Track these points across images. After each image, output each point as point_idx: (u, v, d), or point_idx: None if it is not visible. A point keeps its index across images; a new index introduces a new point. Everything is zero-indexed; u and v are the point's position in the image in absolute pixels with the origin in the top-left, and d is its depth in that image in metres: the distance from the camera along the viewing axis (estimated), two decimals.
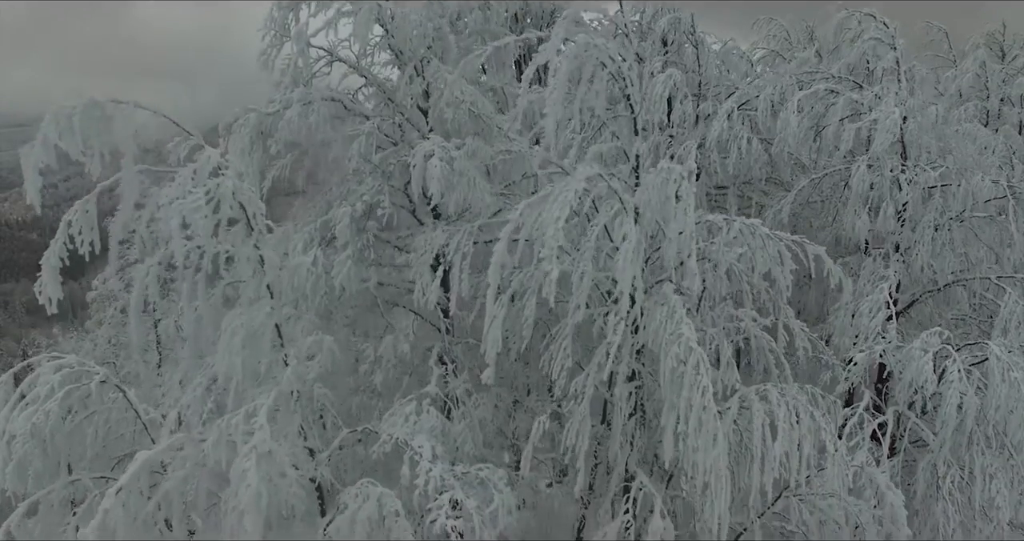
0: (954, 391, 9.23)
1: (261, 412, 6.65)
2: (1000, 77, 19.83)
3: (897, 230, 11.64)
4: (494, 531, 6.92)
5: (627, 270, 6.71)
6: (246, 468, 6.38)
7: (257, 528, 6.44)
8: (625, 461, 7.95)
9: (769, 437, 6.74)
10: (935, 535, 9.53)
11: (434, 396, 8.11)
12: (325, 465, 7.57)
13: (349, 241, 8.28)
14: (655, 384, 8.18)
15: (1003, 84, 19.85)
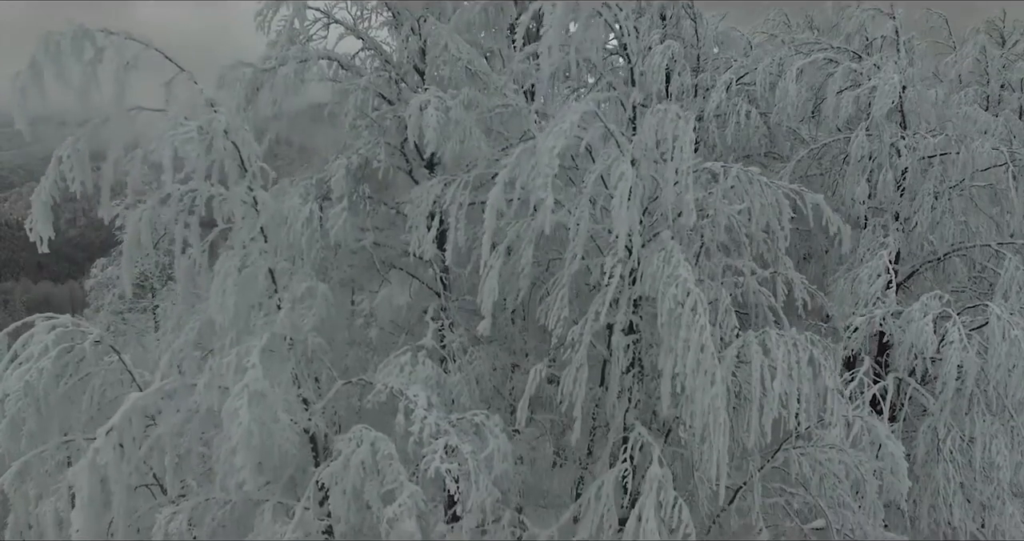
0: (955, 352, 9.17)
1: (254, 353, 6.58)
2: (1000, 63, 19.78)
3: (896, 200, 11.60)
4: (489, 476, 6.84)
5: (623, 209, 6.65)
6: (237, 406, 6.31)
7: (249, 466, 6.36)
8: (623, 415, 7.86)
9: (768, 378, 6.66)
10: (935, 499, 9.44)
11: (430, 349, 8.03)
12: (319, 416, 7.50)
13: (345, 194, 8.21)
14: (653, 338, 8.13)
15: (1003, 69, 19.79)
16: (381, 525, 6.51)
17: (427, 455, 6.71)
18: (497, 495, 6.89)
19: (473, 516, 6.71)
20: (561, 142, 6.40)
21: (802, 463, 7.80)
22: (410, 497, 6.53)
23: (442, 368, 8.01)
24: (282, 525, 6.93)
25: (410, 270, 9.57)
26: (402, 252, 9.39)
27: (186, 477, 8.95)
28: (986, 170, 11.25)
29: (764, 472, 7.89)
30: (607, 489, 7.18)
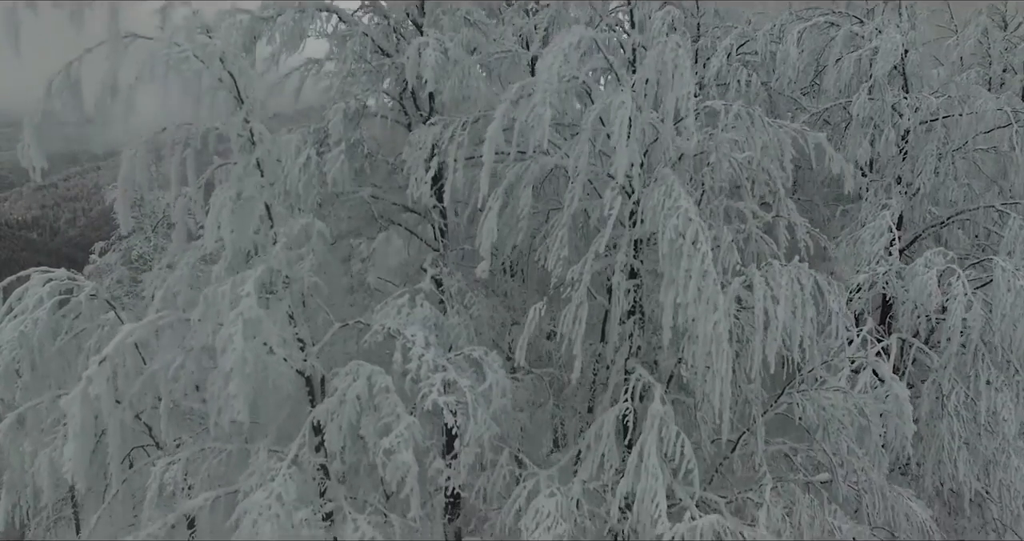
0: (959, 306, 9.05)
1: (248, 282, 6.48)
2: (1002, 45, 19.72)
3: (898, 164, 11.51)
4: (487, 410, 6.73)
5: (622, 138, 6.56)
6: (231, 333, 6.21)
7: (242, 395, 6.25)
8: (624, 361, 7.76)
9: (772, 307, 6.54)
10: (939, 456, 9.31)
11: (428, 293, 7.93)
12: (315, 357, 7.39)
13: (342, 138, 8.13)
14: (654, 284, 8.04)
15: (1005, 52, 19.73)
16: (377, 457, 6.39)
17: (424, 389, 6.61)
18: (496, 430, 6.78)
19: (471, 450, 6.60)
20: (560, 58, 6.31)
21: (806, 407, 7.68)
22: (407, 429, 6.42)
23: (440, 311, 7.89)
24: (276, 461, 6.81)
25: (409, 227, 9.51)
26: (401, 208, 9.33)
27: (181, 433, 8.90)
28: (989, 132, 11.16)
29: (767, 418, 7.77)
30: (608, 428, 7.06)
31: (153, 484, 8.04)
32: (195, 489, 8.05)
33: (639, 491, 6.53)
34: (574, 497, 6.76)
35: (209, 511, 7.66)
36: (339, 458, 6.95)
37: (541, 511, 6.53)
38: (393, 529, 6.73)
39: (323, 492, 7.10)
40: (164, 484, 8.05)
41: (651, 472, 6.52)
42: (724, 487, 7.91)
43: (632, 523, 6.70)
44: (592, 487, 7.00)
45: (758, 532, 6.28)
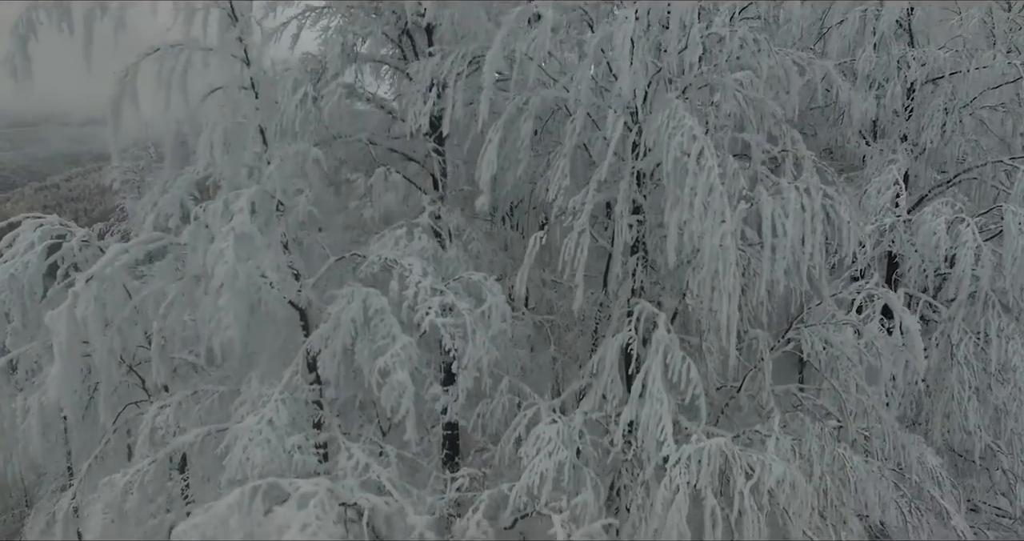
0: (968, 251, 8.86)
1: (242, 198, 6.29)
2: (1007, 26, 19.59)
3: (903, 122, 11.35)
4: (486, 333, 6.53)
5: (625, 50, 6.37)
6: (223, 247, 6.01)
7: (232, 310, 6.05)
8: (627, 297, 7.56)
9: (780, 225, 6.34)
10: (948, 408, 9.10)
11: (426, 227, 7.75)
12: (310, 289, 7.20)
13: (339, 71, 7.96)
14: (656, 220, 7.86)
15: (1009, 32, 19.60)
16: (372, 373, 6.19)
17: (421, 311, 6.42)
18: (495, 355, 6.58)
19: (469, 374, 6.40)
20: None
21: (814, 344, 7.48)
22: (403, 349, 6.23)
23: (439, 245, 7.70)
24: (268, 388, 6.61)
25: (408, 176, 9.33)
26: (400, 156, 9.15)
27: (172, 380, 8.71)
28: (997, 87, 11.00)
29: (774, 355, 7.57)
30: (611, 358, 6.86)
31: (145, 428, 7.87)
32: (187, 431, 7.85)
33: (643, 417, 6.33)
34: (576, 427, 6.55)
35: (199, 450, 7.48)
36: (334, 386, 6.76)
37: (542, 438, 6.33)
38: (388, 460, 6.52)
39: (317, 423, 6.89)
40: (156, 428, 7.88)
41: (656, 397, 6.31)
42: (731, 427, 7.70)
43: (636, 451, 6.49)
44: (595, 417, 6.79)
45: (767, 456, 6.06)
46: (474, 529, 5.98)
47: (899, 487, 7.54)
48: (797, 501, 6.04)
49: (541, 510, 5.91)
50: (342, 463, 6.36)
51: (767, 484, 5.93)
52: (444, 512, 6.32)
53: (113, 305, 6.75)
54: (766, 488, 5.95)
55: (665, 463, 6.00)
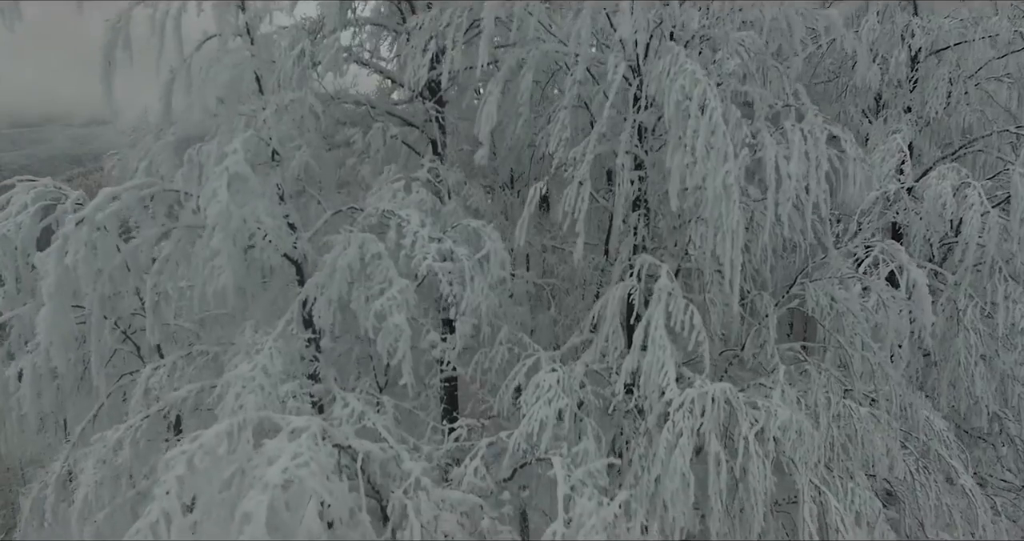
0: (975, 214, 8.73)
1: (236, 140, 6.17)
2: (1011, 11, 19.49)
3: (908, 94, 11.23)
4: (485, 279, 6.40)
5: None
6: (216, 187, 5.88)
7: (225, 252, 5.92)
8: (629, 251, 7.43)
9: (783, 164, 6.20)
10: (955, 373, 8.95)
11: (424, 181, 7.62)
12: (306, 241, 7.07)
13: (338, 26, 7.85)
14: (659, 176, 7.75)
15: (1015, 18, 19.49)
16: (368, 319, 6.05)
17: (418, 256, 6.29)
18: (494, 302, 6.45)
19: (467, 320, 6.26)
20: None
21: (819, 299, 7.34)
22: (400, 292, 6.09)
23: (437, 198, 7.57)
24: (262, 335, 6.47)
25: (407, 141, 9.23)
26: (399, 121, 9.04)
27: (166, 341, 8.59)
28: (1003, 57, 10.89)
29: (779, 311, 7.43)
30: (613, 308, 6.72)
31: (139, 389, 7.74)
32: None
33: (645, 364, 6.19)
34: (577, 377, 6.41)
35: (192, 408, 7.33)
36: (329, 335, 6.62)
37: (541, 386, 6.18)
38: (385, 410, 6.38)
39: (312, 375, 6.76)
40: (150, 388, 7.75)
41: (658, 343, 6.17)
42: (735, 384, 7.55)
43: (638, 401, 6.34)
44: (596, 368, 6.64)
45: (772, 402, 5.92)
46: (472, 476, 5.83)
47: (906, 446, 7.39)
48: (803, 448, 5.89)
49: (541, 456, 5.76)
50: (337, 412, 6.22)
51: (772, 430, 5.79)
52: (442, 462, 6.17)
53: (104, 254, 6.61)
54: (771, 435, 5.81)
55: (668, 408, 5.85)
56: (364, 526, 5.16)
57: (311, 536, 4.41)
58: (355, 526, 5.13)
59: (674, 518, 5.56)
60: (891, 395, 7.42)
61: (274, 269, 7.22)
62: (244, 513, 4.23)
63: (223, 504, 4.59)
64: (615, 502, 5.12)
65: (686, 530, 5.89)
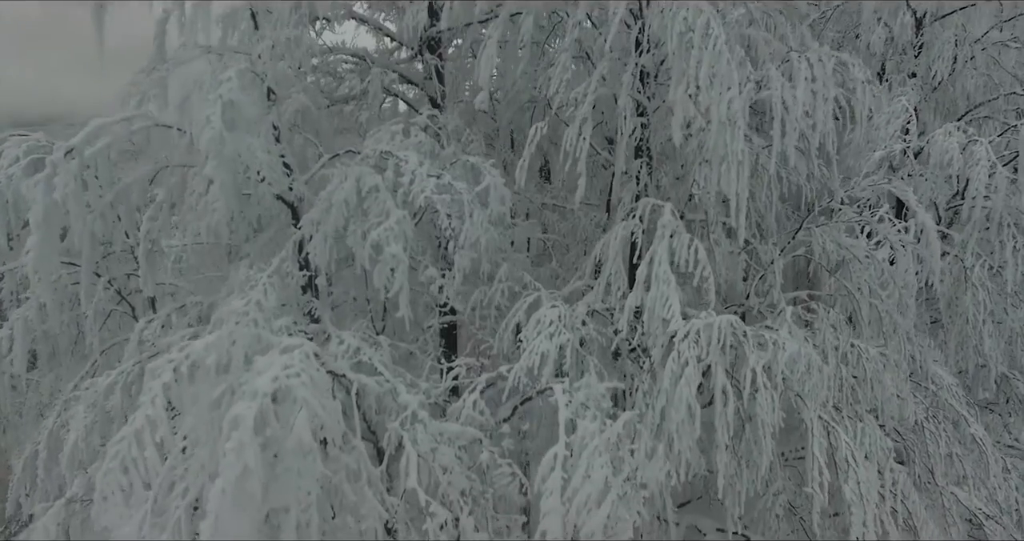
0: (982, 169, 8.58)
1: (230, 69, 6.02)
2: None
3: (912, 63, 11.11)
4: (484, 212, 6.25)
5: None
6: (210, 114, 5.74)
7: (219, 181, 5.77)
8: (631, 196, 7.28)
9: (789, 95, 6.05)
10: (963, 330, 8.79)
11: (423, 125, 7.48)
12: (303, 184, 6.92)
13: None
14: (661, 123, 7.63)
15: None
16: (364, 251, 5.90)
17: (416, 189, 6.14)
18: (494, 236, 6.30)
19: (467, 254, 6.10)
20: None
21: (825, 244, 7.19)
22: (398, 223, 5.95)
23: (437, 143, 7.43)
24: (257, 272, 6.32)
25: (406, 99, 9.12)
26: (398, 78, 8.93)
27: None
28: (1010, 21, 10.77)
29: (785, 257, 7.28)
30: (615, 248, 6.57)
31: (132, 341, 7.60)
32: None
33: (649, 300, 6.03)
34: (579, 315, 6.26)
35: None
36: (324, 273, 6.47)
37: (542, 321, 6.02)
38: (382, 347, 6.22)
39: (308, 314, 6.60)
40: (143, 340, 7.61)
41: (662, 278, 6.01)
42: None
43: (641, 338, 6.18)
44: (598, 308, 6.49)
45: (780, 335, 5.76)
46: (470, 409, 5.67)
47: (915, 395, 7.23)
48: (812, 382, 5.73)
49: (542, 387, 5.60)
50: (332, 349, 6.06)
51: (781, 362, 5.63)
52: (440, 400, 6.01)
53: (95, 192, 6.46)
54: (780, 367, 5.64)
55: (673, 339, 5.69)
56: (359, 452, 5.01)
57: (302, 448, 4.24)
58: (350, 451, 4.97)
59: (680, 452, 5.39)
60: (900, 345, 7.26)
61: (270, 213, 7.09)
62: (232, 418, 4.07)
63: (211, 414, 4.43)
64: (618, 422, 4.96)
65: (692, 469, 5.72)
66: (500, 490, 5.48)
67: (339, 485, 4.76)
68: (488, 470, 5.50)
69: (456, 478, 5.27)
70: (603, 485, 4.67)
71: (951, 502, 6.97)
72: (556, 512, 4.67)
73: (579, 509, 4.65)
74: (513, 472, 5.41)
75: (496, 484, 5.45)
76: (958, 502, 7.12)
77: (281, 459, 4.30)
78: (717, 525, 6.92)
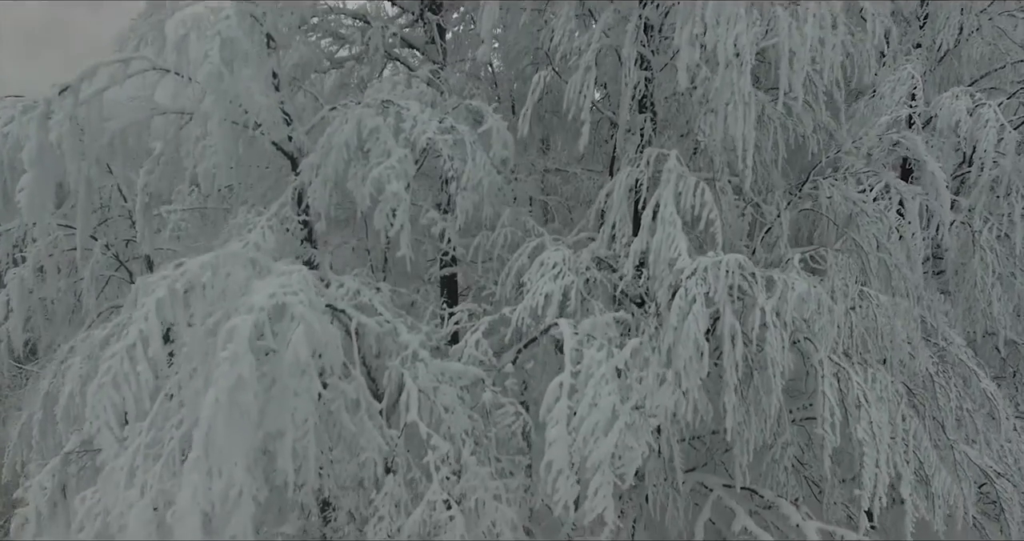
0: (991, 131, 8.46)
1: (227, 8, 5.91)
2: None
3: (918, 33, 11.01)
4: (486, 156, 6.14)
5: None
6: (207, 49, 5.62)
7: (216, 116, 5.66)
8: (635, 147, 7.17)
9: (797, 41, 5.92)
10: (971, 294, 8.66)
11: (425, 78, 7.38)
12: (302, 134, 6.81)
13: None
14: (665, 77, 7.53)
15: None
16: (364, 192, 5.78)
17: (418, 129, 6.03)
18: (497, 180, 6.18)
19: (469, 196, 5.99)
20: None
21: (833, 196, 7.07)
22: (399, 162, 5.83)
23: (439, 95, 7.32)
24: (255, 215, 6.21)
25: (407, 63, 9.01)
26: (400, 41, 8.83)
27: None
28: None
29: (792, 210, 7.16)
30: (619, 195, 6.45)
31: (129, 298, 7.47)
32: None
33: (655, 243, 5.90)
34: (584, 261, 6.13)
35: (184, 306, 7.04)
36: (325, 219, 6.35)
37: (546, 263, 5.90)
38: (383, 292, 6.09)
39: (307, 262, 6.48)
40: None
41: (668, 221, 5.89)
42: None
43: (647, 281, 6.06)
44: (603, 255, 6.36)
45: (790, 276, 5.63)
46: (473, 349, 5.54)
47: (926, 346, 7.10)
48: (822, 321, 5.60)
49: (546, 325, 5.47)
50: (332, 292, 5.94)
51: (790, 302, 5.49)
52: (441, 344, 5.88)
53: (91, 135, 6.34)
54: (789, 307, 5.51)
55: (680, 279, 5.56)
56: (359, 382, 4.88)
57: (299, 365, 4.12)
58: (350, 382, 4.85)
59: (687, 390, 5.25)
60: (910, 297, 7.13)
61: (268, 165, 6.99)
62: (228, 329, 3.94)
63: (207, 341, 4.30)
64: (626, 349, 4.83)
65: (700, 414, 5.58)
66: (503, 431, 5.35)
67: (337, 414, 4.63)
68: (491, 411, 5.37)
69: (458, 418, 5.14)
70: (611, 413, 4.54)
71: (962, 457, 6.82)
72: (562, 441, 4.54)
73: (585, 438, 4.52)
74: (517, 411, 5.28)
75: (499, 424, 5.32)
76: (969, 461, 6.98)
77: (277, 379, 4.17)
78: (724, 482, 6.78)
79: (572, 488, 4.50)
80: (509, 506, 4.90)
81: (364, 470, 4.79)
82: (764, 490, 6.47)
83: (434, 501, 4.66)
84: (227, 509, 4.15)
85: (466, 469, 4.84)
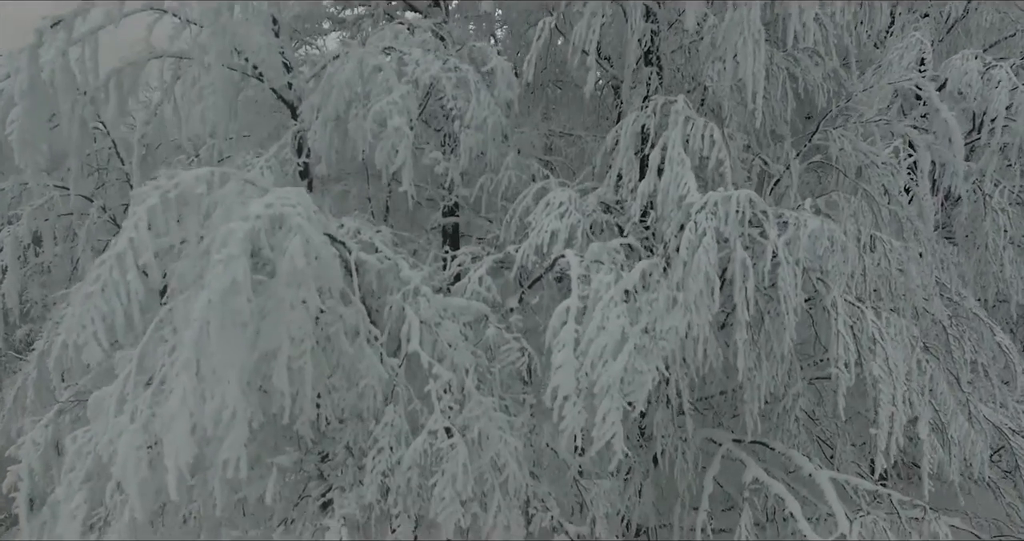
0: (1003, 90, 8.32)
1: None
2: None
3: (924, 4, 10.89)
4: (490, 95, 5.99)
5: None
6: None
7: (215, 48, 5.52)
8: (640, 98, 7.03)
9: None
10: (982, 254, 8.49)
11: (427, 28, 7.23)
12: (304, 83, 6.67)
13: None
14: (672, 32, 7.42)
15: None
16: (365, 130, 5.63)
17: (421, 68, 5.90)
18: (500, 119, 6.03)
19: (472, 135, 5.84)
20: None
21: (843, 146, 6.92)
22: (402, 98, 5.69)
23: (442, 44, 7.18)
24: (254, 157, 6.07)
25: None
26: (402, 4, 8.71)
27: None
28: None
29: (801, 160, 7.01)
30: (626, 142, 6.30)
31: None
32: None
33: (663, 182, 5.75)
34: (591, 204, 5.98)
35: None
36: (325, 161, 6.20)
37: (552, 202, 5.75)
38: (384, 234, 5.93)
39: None
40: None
41: (676, 160, 5.75)
42: None
43: (654, 222, 5.91)
44: (610, 199, 6.21)
45: (802, 214, 5.47)
46: (476, 285, 5.38)
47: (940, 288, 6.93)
48: (835, 258, 5.45)
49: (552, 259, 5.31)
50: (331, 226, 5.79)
51: (803, 238, 5.34)
52: (444, 286, 5.72)
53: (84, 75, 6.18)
54: (801, 244, 5.35)
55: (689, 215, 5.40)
56: (358, 309, 4.72)
57: (295, 273, 3.96)
58: (349, 307, 4.69)
59: (697, 326, 5.08)
60: (923, 244, 6.98)
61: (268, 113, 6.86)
62: (223, 233, 3.79)
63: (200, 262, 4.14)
64: (635, 271, 4.67)
65: (710, 358, 5.41)
66: (507, 369, 5.19)
67: (335, 339, 4.47)
68: (495, 348, 5.21)
69: (461, 353, 4.98)
70: (619, 336, 4.38)
71: (977, 412, 6.64)
72: (568, 365, 4.38)
73: (593, 361, 4.35)
74: (522, 347, 5.12)
75: (503, 361, 5.15)
76: (984, 418, 6.80)
77: (273, 292, 4.01)
78: (733, 436, 6.61)
79: (579, 415, 4.33)
80: (514, 439, 4.72)
81: (363, 400, 4.63)
82: (775, 443, 6.29)
83: (435, 430, 4.49)
84: (219, 432, 3.99)
85: (469, 398, 4.67)
